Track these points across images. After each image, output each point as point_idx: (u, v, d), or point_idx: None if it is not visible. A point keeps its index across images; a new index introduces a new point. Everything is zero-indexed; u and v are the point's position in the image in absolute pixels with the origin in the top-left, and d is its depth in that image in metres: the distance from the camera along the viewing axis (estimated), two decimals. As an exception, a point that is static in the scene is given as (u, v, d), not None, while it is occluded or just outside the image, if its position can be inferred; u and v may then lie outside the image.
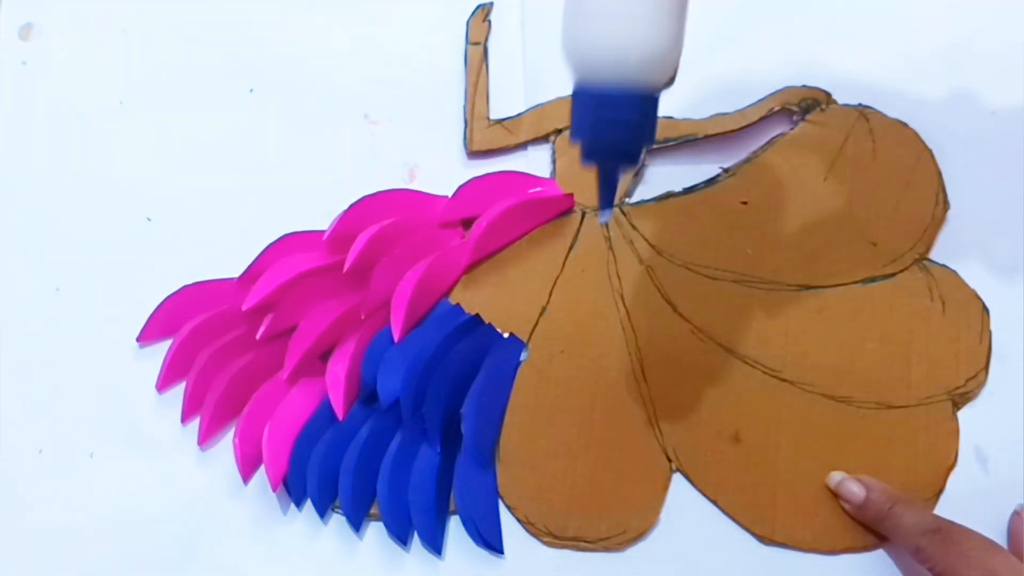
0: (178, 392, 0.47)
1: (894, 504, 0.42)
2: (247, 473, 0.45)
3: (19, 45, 0.54)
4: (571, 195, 0.48)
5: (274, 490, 0.45)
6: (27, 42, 0.54)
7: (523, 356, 0.46)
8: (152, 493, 0.46)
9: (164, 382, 0.47)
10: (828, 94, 0.48)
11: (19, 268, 0.50)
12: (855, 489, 0.43)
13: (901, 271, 0.46)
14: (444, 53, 0.51)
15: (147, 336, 0.47)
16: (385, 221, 0.46)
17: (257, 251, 0.47)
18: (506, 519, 0.44)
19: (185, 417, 0.46)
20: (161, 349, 0.47)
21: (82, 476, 0.46)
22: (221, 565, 0.45)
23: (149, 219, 0.50)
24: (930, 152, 0.47)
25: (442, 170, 0.49)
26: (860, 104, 0.48)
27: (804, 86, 0.48)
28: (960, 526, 0.40)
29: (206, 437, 0.46)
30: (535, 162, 0.49)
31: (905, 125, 0.48)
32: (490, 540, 0.44)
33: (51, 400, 0.47)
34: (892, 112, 0.48)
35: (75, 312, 0.49)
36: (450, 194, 0.47)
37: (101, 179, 0.51)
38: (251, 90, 0.52)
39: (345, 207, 0.47)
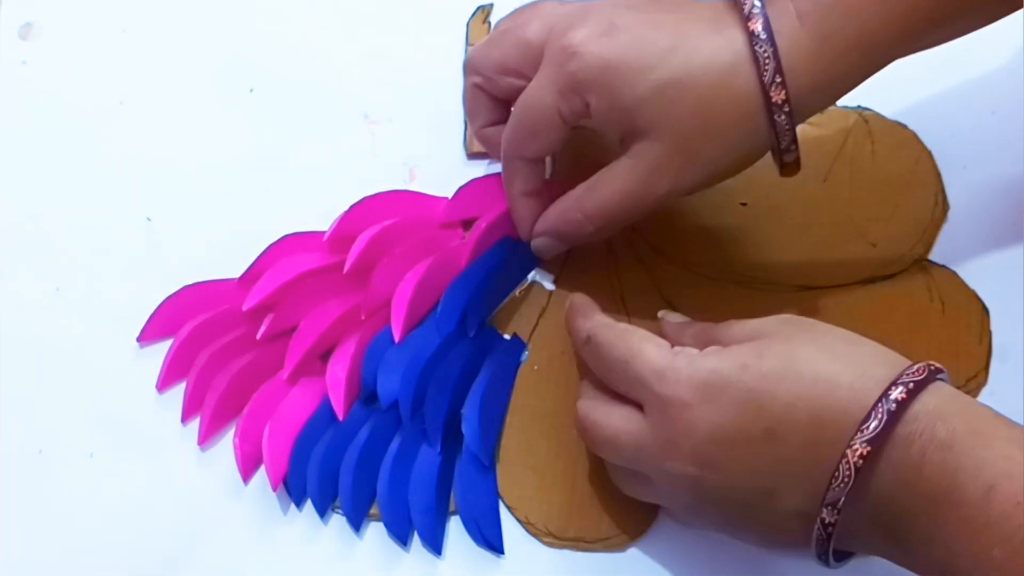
0: (178, 392, 0.47)
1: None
2: (247, 473, 0.45)
3: (19, 45, 0.54)
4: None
5: (274, 490, 0.45)
6: (27, 41, 0.54)
7: (523, 357, 0.46)
8: (152, 492, 0.46)
9: (164, 382, 0.46)
10: (827, 96, 0.48)
11: (19, 268, 0.50)
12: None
13: (901, 272, 0.46)
14: (444, 53, 0.51)
15: (147, 336, 0.47)
16: (385, 222, 0.46)
17: (257, 251, 0.47)
18: (506, 519, 0.44)
19: (185, 417, 0.46)
20: (161, 349, 0.47)
21: (82, 476, 0.46)
22: (221, 564, 0.44)
23: (149, 219, 0.50)
24: (929, 153, 0.48)
25: (442, 170, 0.49)
26: (859, 106, 0.48)
27: (804, 87, 0.48)
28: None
29: (206, 437, 0.46)
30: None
31: (904, 126, 0.48)
32: (491, 540, 0.44)
33: (51, 400, 0.47)
34: (891, 113, 0.48)
35: (75, 312, 0.49)
36: (450, 195, 0.48)
37: (101, 179, 0.51)
38: (251, 90, 0.52)
39: (345, 207, 0.47)
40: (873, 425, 0.32)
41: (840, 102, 0.47)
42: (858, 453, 0.32)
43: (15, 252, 0.50)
